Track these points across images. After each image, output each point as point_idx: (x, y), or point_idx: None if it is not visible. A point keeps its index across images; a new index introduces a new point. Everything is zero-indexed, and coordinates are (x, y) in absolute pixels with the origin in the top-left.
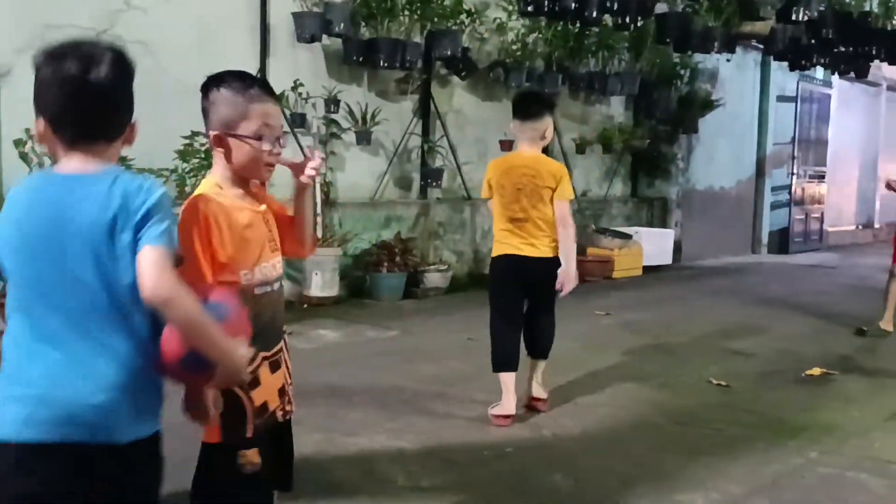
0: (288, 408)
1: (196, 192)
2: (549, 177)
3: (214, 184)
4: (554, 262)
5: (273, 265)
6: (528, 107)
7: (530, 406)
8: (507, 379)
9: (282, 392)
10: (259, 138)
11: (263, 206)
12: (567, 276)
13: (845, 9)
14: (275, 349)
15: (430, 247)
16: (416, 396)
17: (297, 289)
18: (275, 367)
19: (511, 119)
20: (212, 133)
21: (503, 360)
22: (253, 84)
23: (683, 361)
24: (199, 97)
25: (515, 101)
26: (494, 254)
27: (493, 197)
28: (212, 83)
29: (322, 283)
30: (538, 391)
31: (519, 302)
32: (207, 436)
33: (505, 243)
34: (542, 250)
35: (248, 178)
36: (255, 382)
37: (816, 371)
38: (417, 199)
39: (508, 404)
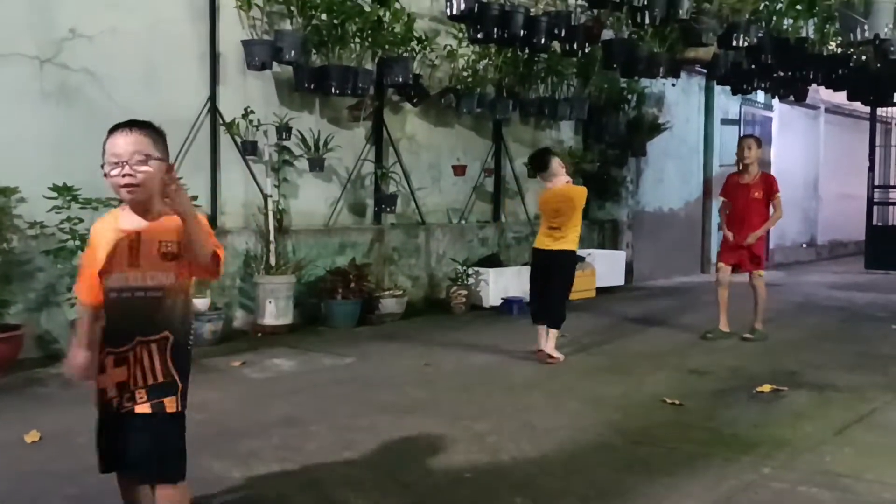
0: (127, 403)
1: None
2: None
3: (119, 209)
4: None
5: (130, 277)
6: (537, 162)
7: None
8: (538, 328)
9: (123, 387)
10: (105, 167)
11: (143, 226)
12: None
13: (783, 35)
14: (122, 347)
15: (385, 272)
16: (373, 424)
17: (250, 317)
18: (119, 362)
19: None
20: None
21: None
22: (115, 128)
23: (639, 382)
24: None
25: (530, 161)
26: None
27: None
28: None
29: (276, 312)
30: (543, 345)
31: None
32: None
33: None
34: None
35: (126, 202)
36: (101, 369)
37: (767, 387)
38: (372, 225)
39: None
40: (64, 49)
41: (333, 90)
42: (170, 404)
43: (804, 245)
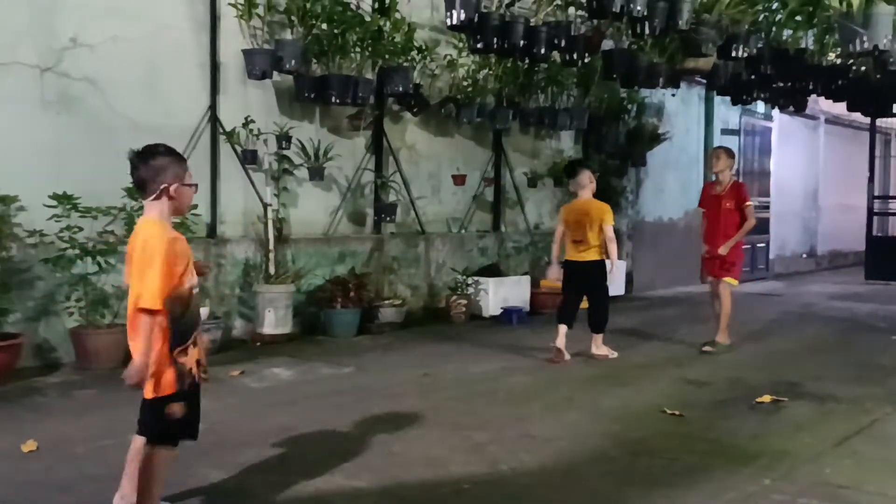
0: (203, 375)
1: (154, 230)
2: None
3: (166, 221)
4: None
5: (194, 277)
6: (569, 170)
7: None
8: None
9: (199, 364)
10: (186, 180)
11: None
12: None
13: (782, 45)
14: (195, 332)
15: (384, 282)
16: (372, 435)
17: (249, 327)
18: (195, 344)
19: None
20: (171, 185)
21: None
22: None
23: (638, 392)
24: (150, 134)
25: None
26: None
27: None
28: (152, 153)
29: (275, 321)
30: (594, 350)
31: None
32: (146, 393)
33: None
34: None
35: (179, 215)
36: (184, 353)
37: (767, 398)
38: (371, 234)
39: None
40: (65, 58)
41: (334, 99)
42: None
43: (804, 255)
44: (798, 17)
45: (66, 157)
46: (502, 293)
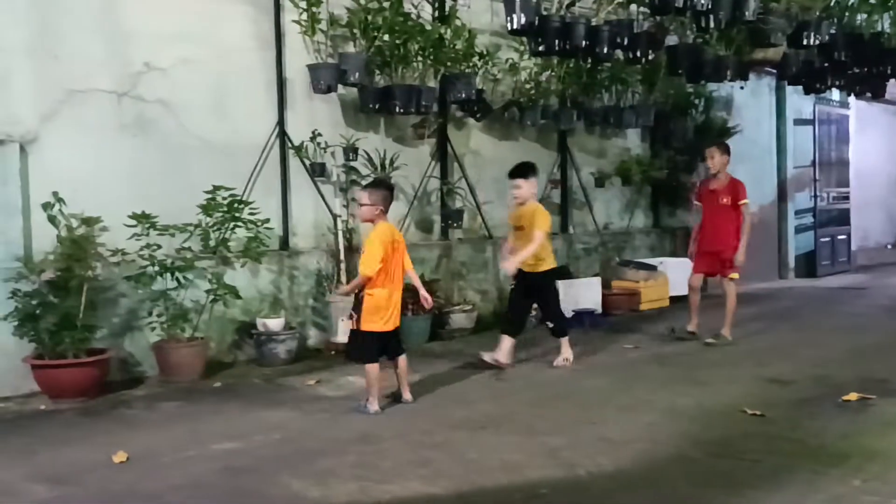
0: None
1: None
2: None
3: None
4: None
5: None
6: (516, 173)
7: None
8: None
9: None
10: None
11: None
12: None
13: (856, 31)
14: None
15: (453, 288)
16: (447, 441)
17: (323, 336)
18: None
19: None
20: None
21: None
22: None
23: (716, 392)
24: (221, 152)
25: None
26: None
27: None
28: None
29: (346, 330)
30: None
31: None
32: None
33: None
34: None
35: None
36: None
37: (854, 396)
38: (439, 241)
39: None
40: (139, 82)
41: (398, 109)
42: None
43: (889, 246)
44: (872, 1)
45: (142, 177)
46: (573, 295)
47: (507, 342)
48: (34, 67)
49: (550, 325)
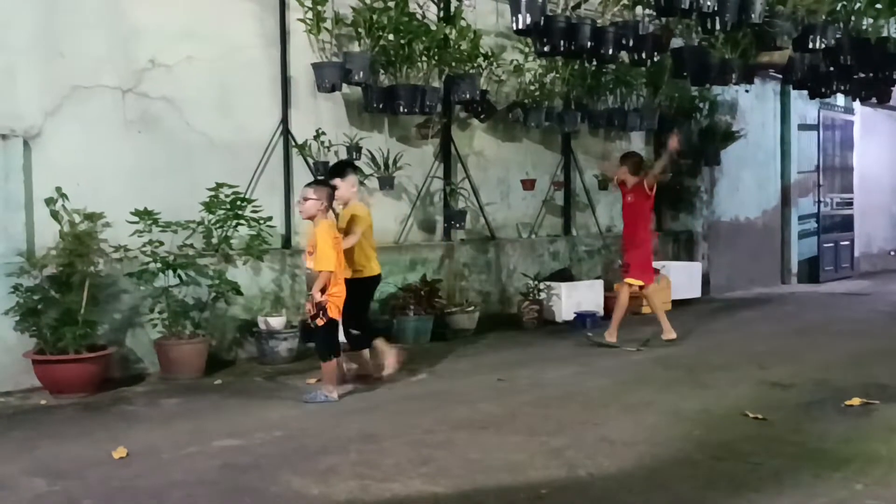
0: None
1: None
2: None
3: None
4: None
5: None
6: (334, 172)
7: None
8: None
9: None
10: None
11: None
12: None
13: (863, 35)
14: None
15: (455, 288)
16: (449, 440)
17: None
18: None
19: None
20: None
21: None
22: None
23: (719, 395)
24: (225, 150)
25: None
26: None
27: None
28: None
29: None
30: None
31: None
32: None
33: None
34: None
35: None
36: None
37: (857, 401)
38: (441, 242)
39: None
40: (144, 79)
41: (402, 109)
42: None
43: (892, 252)
44: (879, 5)
45: (146, 173)
46: (575, 298)
47: (368, 353)
48: (39, 63)
49: (355, 332)
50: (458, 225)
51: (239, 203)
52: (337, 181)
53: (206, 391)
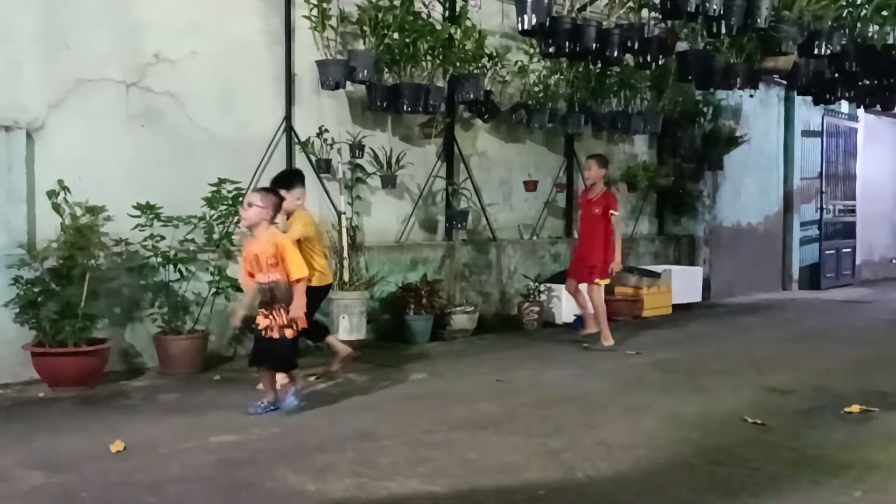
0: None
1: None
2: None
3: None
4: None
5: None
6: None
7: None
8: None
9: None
10: None
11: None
12: None
13: (868, 42)
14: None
15: (456, 289)
16: (446, 440)
17: None
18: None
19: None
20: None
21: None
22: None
23: (718, 400)
24: (227, 145)
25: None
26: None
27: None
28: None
29: (349, 327)
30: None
31: None
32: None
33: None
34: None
35: None
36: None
37: (856, 408)
38: (443, 242)
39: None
40: (148, 73)
41: (405, 108)
42: None
43: (893, 260)
44: (885, 12)
45: (148, 168)
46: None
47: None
48: (44, 55)
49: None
50: (459, 225)
51: (241, 199)
52: (282, 192)
53: (204, 386)
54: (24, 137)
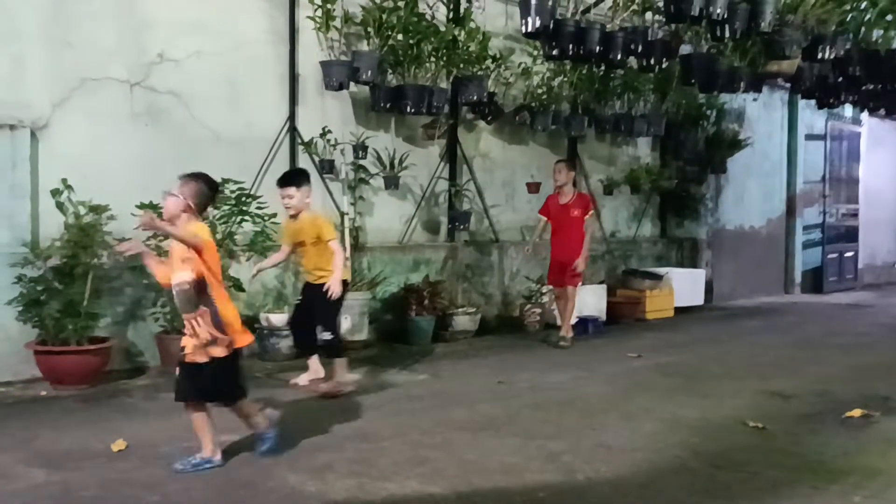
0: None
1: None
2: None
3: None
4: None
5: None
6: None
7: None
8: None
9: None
10: None
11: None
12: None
13: (872, 46)
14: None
15: (458, 290)
16: (446, 441)
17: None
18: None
19: None
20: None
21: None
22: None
23: (718, 404)
24: (231, 145)
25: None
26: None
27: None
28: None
29: (351, 327)
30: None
31: None
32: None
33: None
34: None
35: None
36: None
37: (857, 413)
38: (445, 243)
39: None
40: (152, 72)
41: (409, 109)
42: None
43: (895, 265)
44: (889, 17)
45: (152, 167)
46: (577, 302)
47: (315, 362)
48: (48, 54)
49: (328, 337)
50: (462, 226)
51: (244, 199)
52: (292, 190)
53: None
54: (28, 136)
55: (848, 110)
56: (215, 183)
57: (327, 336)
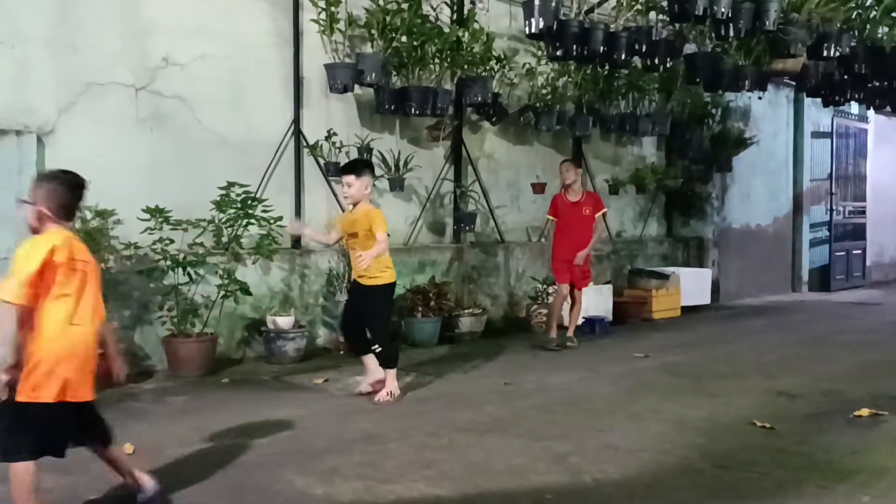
0: None
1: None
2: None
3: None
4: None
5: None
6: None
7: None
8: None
9: None
10: None
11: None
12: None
13: (878, 43)
14: None
15: (464, 291)
16: (452, 443)
17: (332, 335)
18: None
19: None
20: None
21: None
22: None
23: (726, 403)
24: (236, 148)
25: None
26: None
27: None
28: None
29: None
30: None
31: None
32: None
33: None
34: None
35: None
36: None
37: (865, 412)
38: (451, 244)
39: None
40: (157, 77)
41: (413, 111)
42: None
43: None
44: (894, 14)
45: (158, 171)
46: (584, 302)
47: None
48: (53, 59)
49: (377, 349)
50: (467, 227)
51: (250, 202)
52: (351, 178)
53: (213, 389)
54: (34, 141)
55: (854, 107)
56: (76, 180)
57: (377, 350)
